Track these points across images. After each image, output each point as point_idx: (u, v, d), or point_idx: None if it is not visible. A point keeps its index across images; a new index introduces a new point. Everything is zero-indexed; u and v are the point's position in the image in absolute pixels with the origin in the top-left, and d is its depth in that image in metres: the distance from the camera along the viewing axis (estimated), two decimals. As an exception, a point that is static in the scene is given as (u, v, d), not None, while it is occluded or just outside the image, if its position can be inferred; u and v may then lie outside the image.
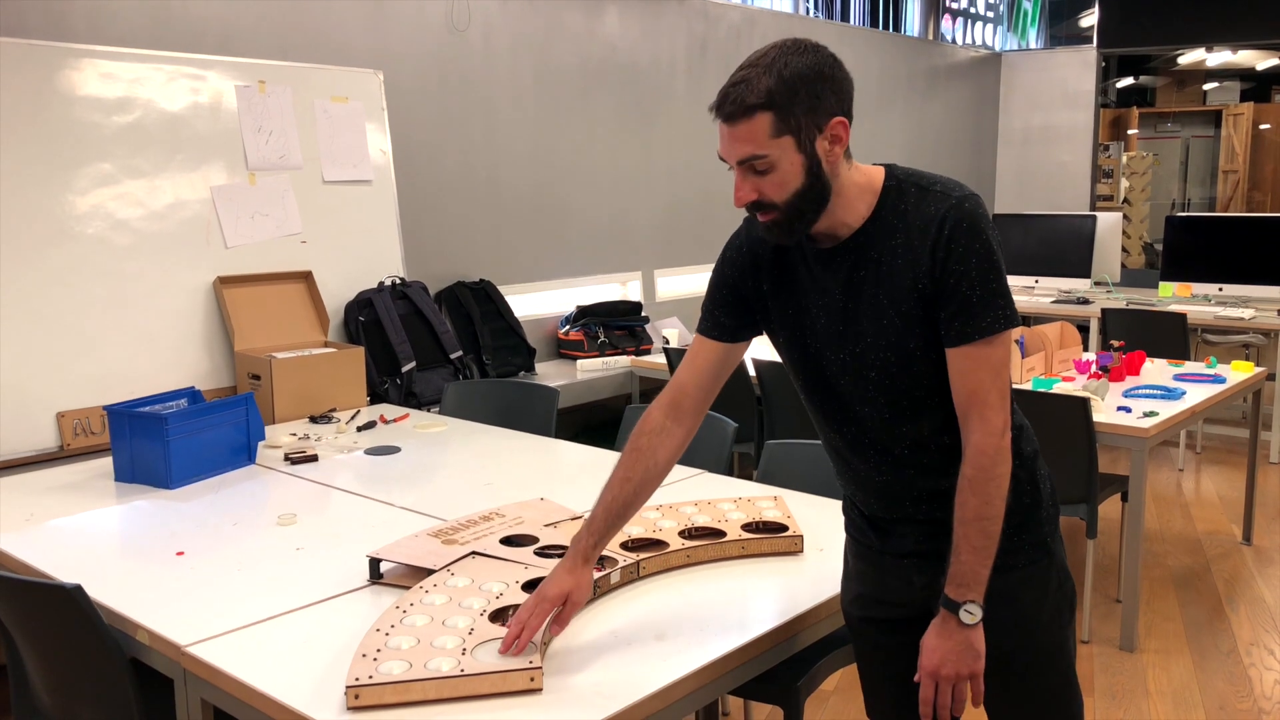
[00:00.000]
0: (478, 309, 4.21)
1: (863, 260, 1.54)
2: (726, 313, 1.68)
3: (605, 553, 1.86)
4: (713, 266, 1.72)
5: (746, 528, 2.07)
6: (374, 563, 1.91)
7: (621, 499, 1.66)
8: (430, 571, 1.84)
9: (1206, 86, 12.92)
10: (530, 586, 1.75)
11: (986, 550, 1.49)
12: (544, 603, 1.57)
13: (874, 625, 1.73)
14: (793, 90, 1.42)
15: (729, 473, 2.66)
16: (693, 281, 5.54)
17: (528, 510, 2.19)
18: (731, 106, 1.44)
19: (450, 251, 4.34)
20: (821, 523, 2.17)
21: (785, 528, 2.06)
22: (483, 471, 2.63)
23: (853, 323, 1.55)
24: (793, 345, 1.65)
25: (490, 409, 3.40)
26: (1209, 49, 10.42)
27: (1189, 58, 11.28)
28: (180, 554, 2.06)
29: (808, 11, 6.40)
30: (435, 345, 3.83)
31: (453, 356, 3.85)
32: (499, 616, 1.66)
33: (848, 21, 6.71)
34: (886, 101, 6.71)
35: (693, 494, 2.38)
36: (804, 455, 2.55)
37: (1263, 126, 11.80)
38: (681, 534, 2.03)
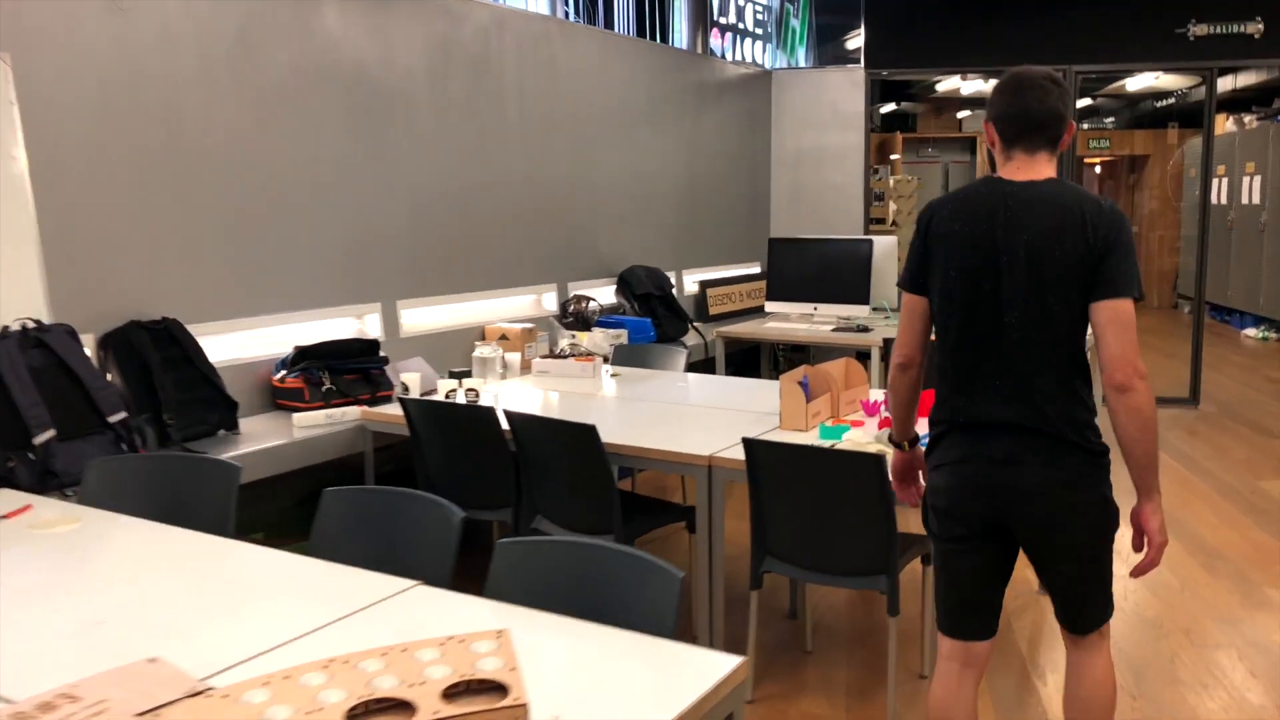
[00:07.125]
0: (157, 355, 3.36)
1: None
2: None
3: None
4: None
5: (450, 692, 1.42)
6: None
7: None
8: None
9: (960, 114, 13.44)
10: None
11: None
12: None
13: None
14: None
15: (453, 579, 2.01)
16: (443, 313, 4.83)
17: (123, 683, 1.45)
18: None
19: (119, 285, 3.44)
20: (565, 672, 1.55)
21: (505, 689, 1.43)
22: (104, 598, 1.85)
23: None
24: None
25: (149, 493, 2.60)
26: (964, 77, 10.71)
27: (945, 85, 11.57)
28: None
29: (567, 15, 5.85)
30: (87, 406, 2.97)
31: (113, 420, 3.00)
32: None
33: (612, 29, 6.22)
34: (657, 115, 6.27)
35: (395, 625, 1.71)
36: (546, 558, 1.93)
37: (1012, 153, 12.30)
38: (352, 712, 1.37)
